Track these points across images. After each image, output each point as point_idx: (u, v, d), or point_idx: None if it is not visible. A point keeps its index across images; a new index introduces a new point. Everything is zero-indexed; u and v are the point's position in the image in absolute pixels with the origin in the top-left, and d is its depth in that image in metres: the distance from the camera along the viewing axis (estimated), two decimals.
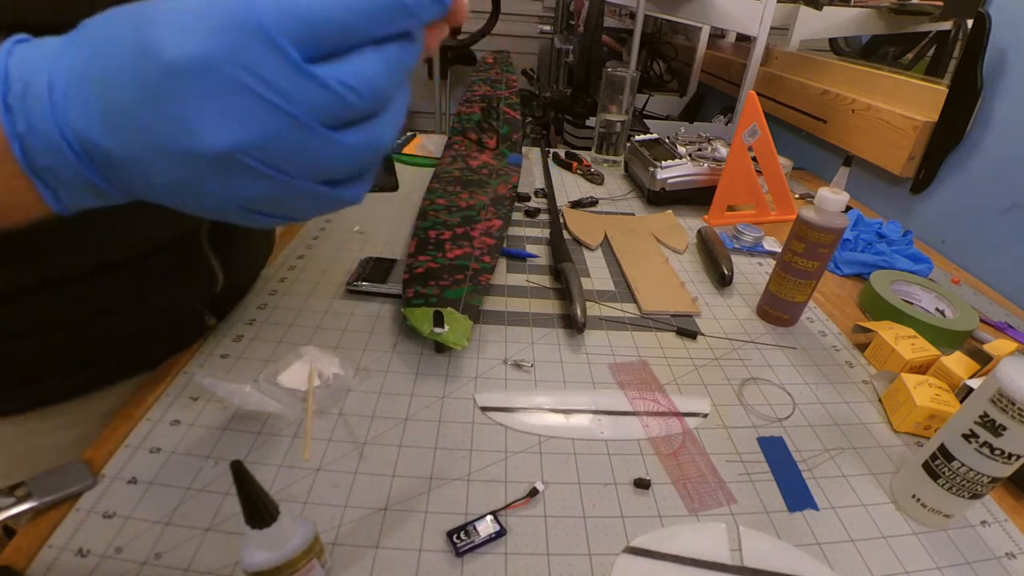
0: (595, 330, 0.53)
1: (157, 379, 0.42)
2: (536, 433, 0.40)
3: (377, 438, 0.39)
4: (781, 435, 0.42)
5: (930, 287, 0.61)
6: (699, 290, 0.62)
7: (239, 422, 0.39)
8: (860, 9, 1.17)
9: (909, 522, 0.36)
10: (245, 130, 0.19)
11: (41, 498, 0.31)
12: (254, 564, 0.25)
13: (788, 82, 1.15)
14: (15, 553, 0.30)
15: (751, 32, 1.11)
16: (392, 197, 0.78)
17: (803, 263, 0.52)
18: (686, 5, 1.28)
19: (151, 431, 0.37)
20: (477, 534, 0.32)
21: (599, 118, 0.97)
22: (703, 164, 0.81)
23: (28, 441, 0.43)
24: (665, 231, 0.74)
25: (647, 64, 1.94)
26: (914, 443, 0.43)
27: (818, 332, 0.56)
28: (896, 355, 0.49)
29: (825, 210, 0.50)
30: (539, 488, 0.36)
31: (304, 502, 0.34)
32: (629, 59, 1.49)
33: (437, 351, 0.47)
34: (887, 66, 1.04)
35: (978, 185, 0.75)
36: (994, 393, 0.31)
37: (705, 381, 0.47)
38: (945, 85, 0.80)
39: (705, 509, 0.36)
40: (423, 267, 0.55)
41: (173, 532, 0.31)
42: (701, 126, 1.30)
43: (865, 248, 0.72)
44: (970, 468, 0.33)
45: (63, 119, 0.22)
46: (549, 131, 1.67)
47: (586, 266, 0.64)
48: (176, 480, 0.34)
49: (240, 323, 0.49)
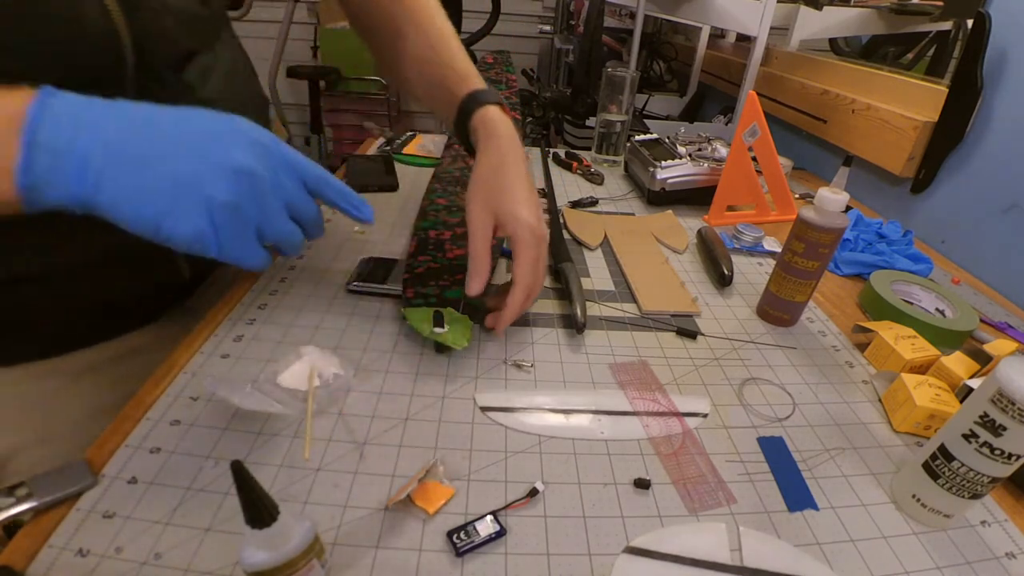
0: (595, 330, 0.53)
1: (157, 379, 0.42)
2: (536, 433, 0.40)
3: (377, 438, 0.39)
4: (781, 435, 0.42)
5: (930, 287, 0.61)
6: (699, 290, 0.62)
7: (239, 422, 0.39)
8: (860, 9, 1.17)
9: (909, 522, 0.36)
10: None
11: (41, 498, 0.31)
12: (254, 564, 0.25)
13: (788, 82, 1.15)
14: (15, 553, 0.29)
15: (751, 32, 1.11)
16: (392, 197, 0.78)
17: (803, 263, 0.52)
18: (686, 5, 1.28)
19: (151, 431, 0.37)
20: (477, 534, 0.32)
21: (599, 118, 0.97)
22: (703, 164, 0.81)
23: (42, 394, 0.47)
24: (665, 231, 0.74)
25: (647, 64, 1.93)
26: (914, 443, 0.43)
27: (818, 332, 0.56)
28: (896, 355, 0.49)
29: (825, 210, 0.50)
30: (539, 488, 0.36)
31: (304, 502, 0.34)
32: (629, 59, 1.49)
33: (437, 351, 0.47)
34: (887, 66, 1.04)
35: (978, 185, 0.75)
36: (994, 393, 0.31)
37: (705, 381, 0.47)
38: (945, 85, 0.80)
39: (705, 509, 0.36)
40: (423, 267, 0.55)
41: (173, 532, 0.31)
42: (701, 126, 1.30)
43: (865, 248, 0.72)
44: (970, 468, 0.33)
45: (88, 195, 0.29)
46: (549, 131, 1.67)
47: (586, 266, 0.64)
48: (176, 480, 0.34)
49: (240, 323, 0.49)
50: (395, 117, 2.82)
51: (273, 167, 0.34)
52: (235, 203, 0.32)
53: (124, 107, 0.31)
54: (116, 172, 0.30)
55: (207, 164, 0.31)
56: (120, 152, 0.30)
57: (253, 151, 0.33)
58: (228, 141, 0.33)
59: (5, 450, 0.46)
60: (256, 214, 0.33)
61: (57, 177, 0.29)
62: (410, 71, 0.56)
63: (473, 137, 0.50)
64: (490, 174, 0.47)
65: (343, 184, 0.39)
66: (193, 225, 0.31)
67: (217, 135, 0.33)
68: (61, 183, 0.29)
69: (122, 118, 0.31)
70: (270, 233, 0.35)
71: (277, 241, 0.36)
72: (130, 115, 0.31)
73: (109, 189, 0.29)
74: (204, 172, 0.31)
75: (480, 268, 0.45)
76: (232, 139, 0.33)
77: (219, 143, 0.32)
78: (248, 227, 0.33)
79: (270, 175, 0.34)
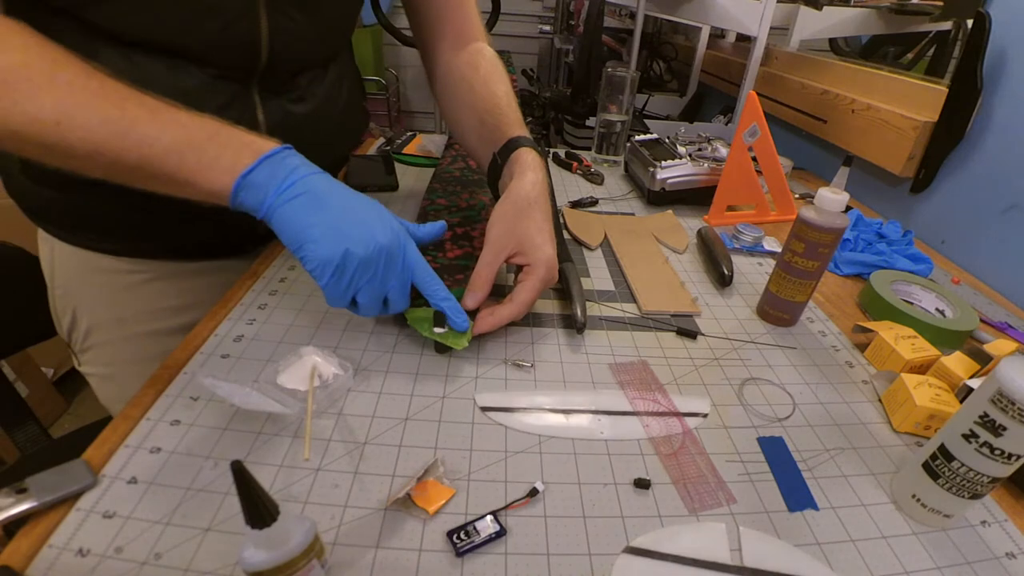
0: (595, 330, 0.53)
1: (157, 378, 0.42)
2: (536, 433, 0.40)
3: (377, 438, 0.39)
4: (781, 435, 0.42)
5: (930, 287, 0.61)
6: (699, 290, 0.62)
7: (239, 422, 0.39)
8: (860, 9, 1.17)
9: (909, 522, 0.36)
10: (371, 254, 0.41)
11: (41, 498, 0.31)
12: (254, 564, 0.25)
13: (788, 82, 1.15)
14: (15, 553, 0.30)
15: (751, 32, 1.11)
16: (392, 197, 0.78)
17: (803, 263, 0.52)
18: (686, 5, 1.28)
19: (151, 431, 0.37)
20: (477, 534, 0.32)
21: (599, 118, 0.97)
22: (703, 164, 0.81)
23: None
24: (665, 231, 0.74)
25: (647, 64, 1.93)
26: (914, 443, 0.43)
27: (818, 332, 0.56)
28: (896, 355, 0.49)
29: (825, 210, 0.50)
30: (539, 488, 0.36)
31: (304, 502, 0.34)
32: (629, 59, 1.49)
33: (437, 351, 0.47)
34: (887, 66, 1.04)
35: (978, 185, 0.75)
36: (994, 393, 0.31)
37: (705, 381, 0.47)
38: (945, 85, 0.80)
39: (705, 509, 0.36)
40: None
41: (173, 532, 0.31)
42: (701, 126, 1.30)
43: (865, 248, 0.72)
44: (970, 468, 0.33)
45: (266, 216, 0.42)
46: (549, 131, 1.67)
47: (586, 266, 0.64)
48: (176, 480, 0.34)
49: (240, 323, 0.49)
50: (395, 117, 2.82)
51: (399, 257, 0.43)
52: (364, 260, 0.40)
53: (326, 183, 0.42)
54: (295, 211, 0.40)
55: (358, 230, 0.41)
56: (307, 201, 0.41)
57: (393, 239, 0.42)
58: (380, 226, 0.42)
59: (89, 324, 0.60)
60: (365, 279, 0.41)
61: (254, 197, 0.40)
62: (467, 112, 0.63)
63: (508, 168, 0.55)
64: (524, 204, 0.50)
65: (443, 291, 0.45)
66: (328, 254, 0.39)
67: (378, 217, 0.43)
68: (255, 201, 0.41)
69: (321, 187, 0.42)
70: (363, 296, 0.42)
71: (363, 304, 0.43)
72: (329, 189, 0.42)
73: (281, 217, 0.40)
74: (354, 234, 0.40)
75: (478, 286, 0.47)
76: (384, 225, 0.42)
77: (376, 223, 0.42)
78: (355, 282, 0.41)
79: (394, 261, 0.43)
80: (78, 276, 0.59)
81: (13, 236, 0.68)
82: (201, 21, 0.45)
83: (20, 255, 0.69)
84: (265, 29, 0.49)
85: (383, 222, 0.43)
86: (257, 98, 0.52)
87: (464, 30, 0.65)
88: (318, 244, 0.40)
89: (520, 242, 0.49)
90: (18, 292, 0.68)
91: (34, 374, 1.32)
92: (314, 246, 0.40)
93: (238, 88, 0.51)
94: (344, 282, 0.41)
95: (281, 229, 0.41)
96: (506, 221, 0.49)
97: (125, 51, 0.45)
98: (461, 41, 0.65)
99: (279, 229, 0.41)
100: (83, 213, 0.54)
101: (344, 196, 0.43)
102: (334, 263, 0.40)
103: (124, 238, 0.57)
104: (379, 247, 0.41)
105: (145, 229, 0.56)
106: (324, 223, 0.40)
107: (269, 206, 0.40)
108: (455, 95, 0.63)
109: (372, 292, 0.42)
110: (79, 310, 0.60)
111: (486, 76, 0.61)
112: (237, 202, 0.41)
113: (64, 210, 0.55)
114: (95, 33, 0.43)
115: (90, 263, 0.58)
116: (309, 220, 0.40)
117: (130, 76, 0.44)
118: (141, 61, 0.45)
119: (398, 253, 0.43)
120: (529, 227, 0.49)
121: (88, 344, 0.62)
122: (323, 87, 0.59)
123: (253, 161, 0.40)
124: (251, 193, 0.40)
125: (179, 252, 0.60)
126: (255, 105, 0.52)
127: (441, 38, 0.65)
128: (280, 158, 0.41)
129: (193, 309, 0.60)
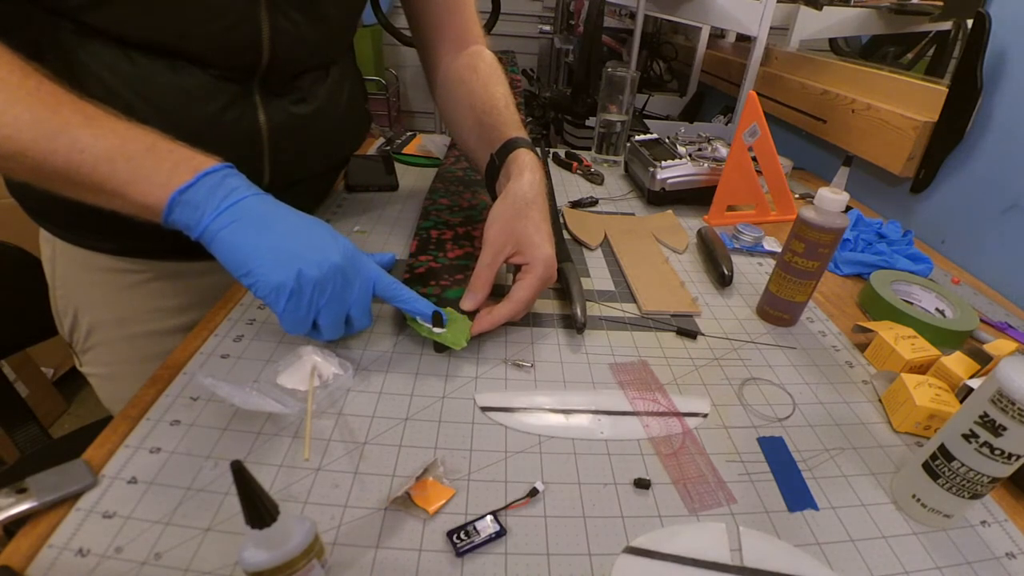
0: (595, 330, 0.53)
1: (157, 378, 0.42)
2: (536, 433, 0.40)
3: (377, 438, 0.39)
4: (781, 435, 0.42)
5: (930, 287, 0.61)
6: (699, 290, 0.62)
7: (239, 422, 0.39)
8: (860, 9, 1.17)
9: (909, 522, 0.36)
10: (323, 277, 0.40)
11: (41, 498, 0.31)
12: (254, 564, 0.25)
13: (788, 82, 1.15)
14: (15, 553, 0.30)
15: (751, 32, 1.11)
16: (392, 197, 0.78)
17: (803, 263, 0.52)
18: (686, 5, 1.28)
19: (151, 431, 0.37)
20: (477, 534, 0.32)
21: (599, 118, 0.97)
22: (703, 164, 0.81)
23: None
24: (665, 231, 0.74)
25: (647, 64, 1.93)
26: (914, 443, 0.43)
27: (818, 332, 0.56)
28: (896, 355, 0.49)
29: (825, 210, 0.50)
30: (539, 488, 0.36)
31: (304, 502, 0.34)
32: (629, 59, 1.50)
33: (437, 351, 0.47)
34: (887, 66, 1.04)
35: (978, 185, 0.75)
36: (994, 393, 0.31)
37: (705, 381, 0.47)
38: (945, 85, 0.80)
39: (705, 509, 0.36)
40: (424, 267, 0.55)
41: (173, 532, 0.31)
42: (701, 126, 1.30)
43: (865, 248, 0.72)
44: (970, 468, 0.33)
45: (205, 239, 0.40)
46: (549, 131, 1.67)
47: (586, 266, 0.64)
48: (176, 480, 0.34)
49: (240, 323, 0.49)
50: (395, 117, 2.82)
51: (355, 273, 0.42)
52: (319, 280, 0.39)
53: (270, 204, 0.41)
54: (236, 234, 0.39)
55: (308, 250, 0.40)
56: (250, 224, 0.39)
57: (346, 256, 0.41)
58: (332, 244, 0.41)
59: (90, 324, 0.60)
60: (324, 300, 0.40)
61: (189, 216, 0.38)
62: (465, 113, 0.63)
63: (506, 169, 0.55)
64: (521, 204, 0.50)
65: (411, 294, 0.45)
66: (280, 278, 0.38)
67: (327, 235, 0.42)
68: (191, 220, 0.39)
69: (264, 209, 0.40)
70: (324, 318, 0.41)
71: (325, 325, 0.42)
72: (272, 211, 0.41)
73: (222, 241, 0.39)
74: (306, 255, 0.39)
75: (477, 287, 0.48)
76: (335, 243, 0.41)
77: (326, 241, 0.41)
78: (315, 303, 0.40)
79: (351, 277, 0.42)
80: (79, 276, 0.59)
81: (14, 236, 0.69)
82: (202, 24, 0.45)
83: (21, 255, 0.70)
84: (267, 31, 0.49)
85: (334, 239, 0.41)
86: (258, 99, 0.52)
87: (463, 33, 0.65)
88: (267, 269, 0.38)
89: (518, 242, 0.49)
90: (18, 292, 0.69)
91: (34, 374, 1.32)
92: (263, 271, 0.38)
93: (239, 89, 0.51)
94: (303, 306, 0.39)
95: (223, 253, 0.38)
96: (504, 221, 0.49)
97: (126, 52, 0.45)
98: (460, 44, 0.65)
99: (220, 253, 0.38)
100: (84, 213, 0.54)
101: (289, 217, 0.41)
102: (288, 287, 0.38)
103: (125, 238, 0.56)
104: (333, 265, 0.40)
105: (146, 229, 0.56)
106: (271, 246, 0.38)
107: (205, 227, 0.38)
108: (454, 97, 0.63)
109: (333, 312, 0.41)
110: (80, 310, 0.60)
111: (485, 78, 0.61)
112: (171, 219, 0.38)
113: (65, 210, 0.54)
114: (95, 34, 0.43)
115: (91, 263, 0.58)
116: (254, 243, 0.38)
117: (131, 76, 0.44)
118: (142, 62, 0.45)
119: (354, 269, 0.42)
120: (527, 226, 0.49)
121: (89, 344, 0.62)
122: (325, 88, 0.59)
123: (191, 177, 0.38)
124: (186, 211, 0.38)
125: (180, 252, 0.59)
126: (256, 106, 0.52)
127: (440, 41, 0.66)
128: (221, 176, 0.39)
129: (193, 309, 0.61)
